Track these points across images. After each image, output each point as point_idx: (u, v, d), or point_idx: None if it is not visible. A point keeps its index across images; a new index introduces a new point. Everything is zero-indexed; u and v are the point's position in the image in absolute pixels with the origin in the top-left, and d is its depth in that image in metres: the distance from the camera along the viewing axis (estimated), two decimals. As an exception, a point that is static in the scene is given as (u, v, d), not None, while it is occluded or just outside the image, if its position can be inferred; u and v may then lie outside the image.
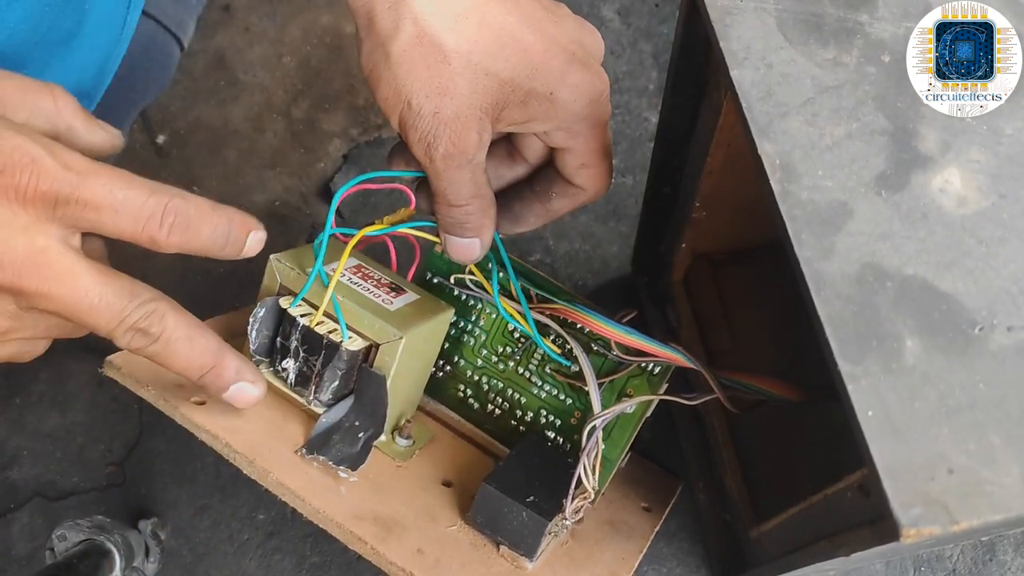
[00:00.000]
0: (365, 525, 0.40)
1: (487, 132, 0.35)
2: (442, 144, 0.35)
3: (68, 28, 0.41)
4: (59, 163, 0.29)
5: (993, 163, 0.34)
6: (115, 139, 0.35)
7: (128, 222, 0.31)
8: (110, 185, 0.30)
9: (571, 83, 0.36)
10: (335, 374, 0.41)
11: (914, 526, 0.27)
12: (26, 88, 0.32)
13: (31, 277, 0.29)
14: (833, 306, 0.30)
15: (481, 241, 0.40)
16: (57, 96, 0.33)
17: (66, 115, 0.33)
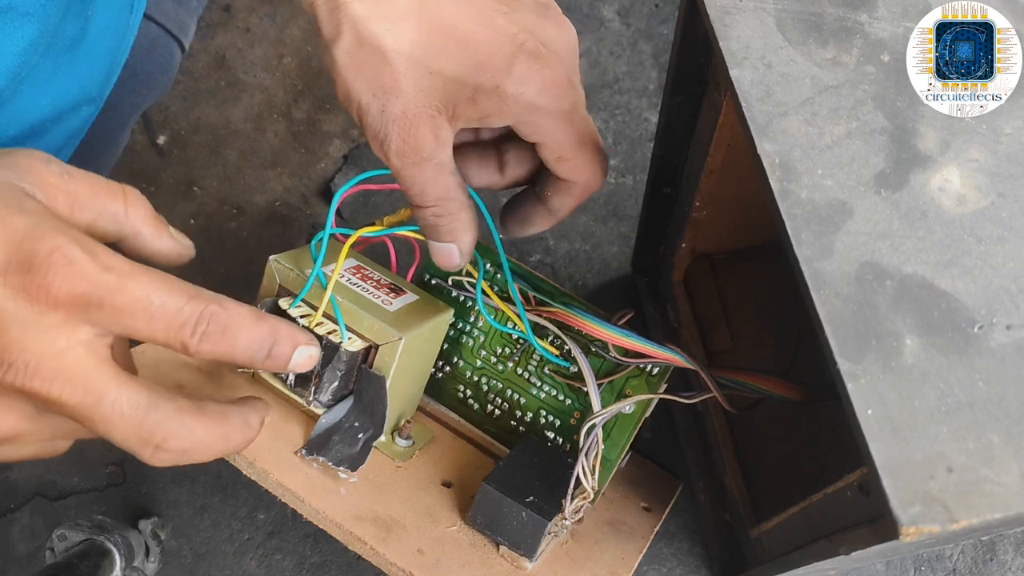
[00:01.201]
0: (365, 525, 0.40)
1: (444, 130, 0.35)
2: (393, 141, 0.34)
3: (73, 35, 0.41)
4: (98, 265, 0.28)
5: (992, 162, 0.34)
6: (185, 249, 0.35)
7: (161, 328, 0.30)
8: (148, 290, 0.29)
9: (516, 75, 0.34)
10: (335, 375, 0.41)
11: (914, 524, 0.27)
12: (98, 189, 0.31)
13: (44, 381, 0.28)
14: (832, 305, 0.30)
15: (459, 247, 0.39)
16: (128, 200, 0.32)
17: (135, 220, 0.32)
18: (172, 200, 0.70)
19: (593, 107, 0.70)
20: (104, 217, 0.31)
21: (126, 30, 0.46)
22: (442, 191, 0.36)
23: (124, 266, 0.29)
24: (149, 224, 0.33)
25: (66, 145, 0.46)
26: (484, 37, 0.34)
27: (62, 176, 0.30)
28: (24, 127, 0.41)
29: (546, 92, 0.35)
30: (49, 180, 0.30)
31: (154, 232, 0.33)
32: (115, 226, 0.32)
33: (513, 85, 0.34)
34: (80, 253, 0.28)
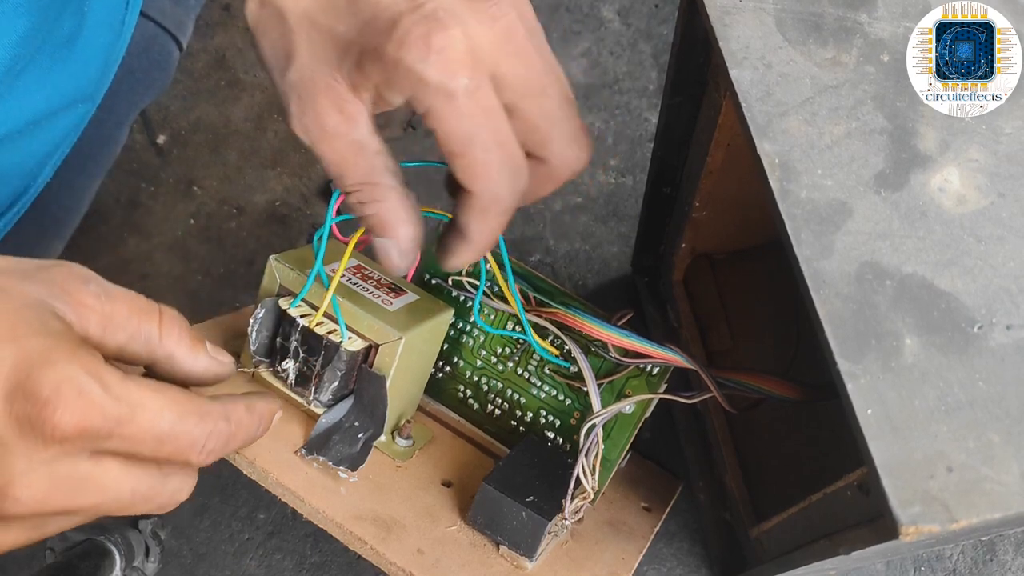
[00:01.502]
0: (365, 525, 0.40)
1: (350, 103, 0.31)
2: (292, 111, 0.32)
3: (69, 31, 0.41)
4: (109, 397, 0.27)
5: (992, 162, 0.34)
6: (222, 367, 0.33)
7: (167, 451, 0.30)
8: (157, 420, 0.29)
9: (398, 36, 0.30)
10: (335, 374, 0.41)
11: (913, 524, 0.27)
12: (135, 310, 0.30)
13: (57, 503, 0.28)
14: (832, 305, 0.30)
15: (396, 244, 0.34)
16: (164, 321, 0.31)
17: (168, 343, 0.31)
18: (172, 200, 0.70)
19: (593, 107, 0.70)
20: (137, 340, 0.30)
21: (122, 27, 0.46)
22: (363, 174, 0.32)
23: (135, 394, 0.28)
24: (183, 346, 0.32)
25: (62, 142, 0.46)
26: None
27: (99, 297, 0.29)
28: (19, 122, 0.41)
29: (429, 62, 0.29)
30: (84, 300, 0.29)
31: (188, 354, 0.32)
32: (147, 349, 0.31)
33: (393, 48, 0.30)
34: (91, 384, 0.27)
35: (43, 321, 0.28)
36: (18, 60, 0.39)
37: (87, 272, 0.30)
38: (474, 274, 0.47)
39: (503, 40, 0.31)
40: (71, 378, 0.27)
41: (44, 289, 0.29)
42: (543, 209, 0.67)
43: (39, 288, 0.29)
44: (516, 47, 0.31)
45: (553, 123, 0.33)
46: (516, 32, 0.31)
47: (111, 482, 0.29)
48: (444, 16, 0.30)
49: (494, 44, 0.31)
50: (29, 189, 0.45)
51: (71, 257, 0.67)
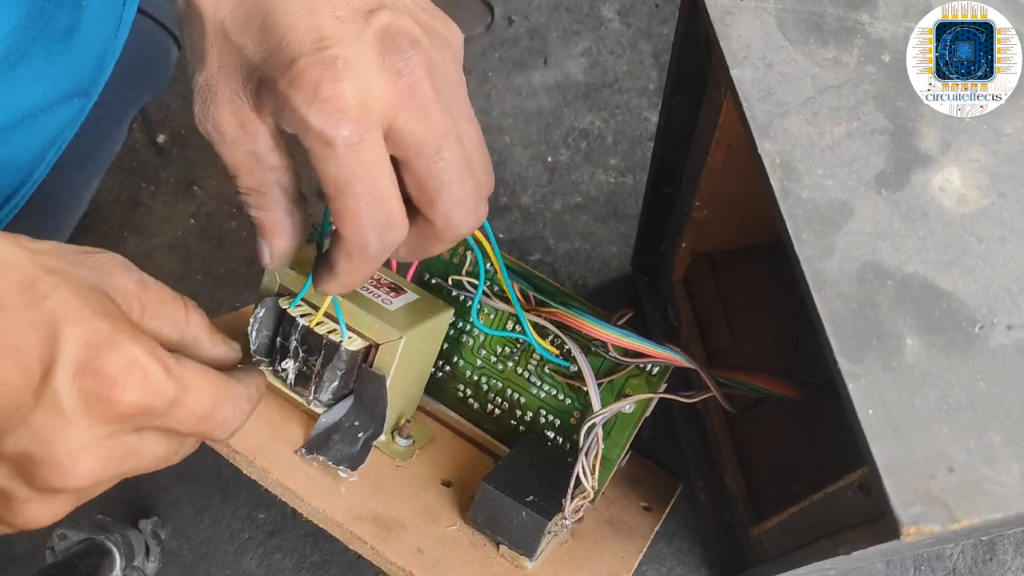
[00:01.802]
0: (365, 525, 0.40)
1: (251, 121, 0.32)
2: (196, 112, 0.32)
3: (66, 24, 0.41)
4: (170, 378, 0.29)
5: (993, 162, 0.34)
6: (235, 353, 0.35)
7: (203, 428, 0.31)
8: (203, 400, 0.31)
9: (291, 75, 0.30)
10: (335, 374, 0.41)
11: (914, 524, 0.27)
12: (163, 298, 0.32)
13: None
14: (833, 304, 0.30)
15: (269, 248, 0.35)
16: (189, 309, 0.33)
17: (194, 328, 0.33)
18: (172, 199, 0.70)
19: (593, 106, 0.70)
20: (169, 324, 0.32)
21: (119, 23, 0.46)
22: (254, 183, 0.33)
23: (188, 376, 0.30)
24: (205, 332, 0.33)
25: (59, 137, 0.45)
26: (288, 27, 0.30)
27: (139, 283, 0.31)
28: (14, 114, 0.41)
29: (314, 107, 0.30)
30: (128, 287, 0.30)
31: (209, 340, 0.34)
32: (177, 334, 0.32)
33: (284, 85, 0.30)
34: (155, 366, 0.29)
35: (103, 304, 0.29)
36: (13, 51, 0.39)
37: (125, 260, 0.31)
38: (474, 274, 0.47)
39: (404, 96, 0.31)
40: (136, 359, 0.28)
41: (95, 274, 0.30)
42: (543, 209, 0.67)
43: (90, 273, 0.30)
44: (417, 104, 0.31)
45: (441, 185, 0.33)
46: (420, 89, 0.31)
47: (147, 453, 0.31)
48: (341, 66, 0.30)
49: (392, 99, 0.31)
50: (26, 184, 0.45)
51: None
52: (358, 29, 0.31)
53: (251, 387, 0.34)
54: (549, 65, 0.72)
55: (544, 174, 0.68)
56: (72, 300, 0.28)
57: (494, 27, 0.74)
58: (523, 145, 0.69)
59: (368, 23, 0.31)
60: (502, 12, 0.74)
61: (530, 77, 0.72)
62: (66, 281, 0.28)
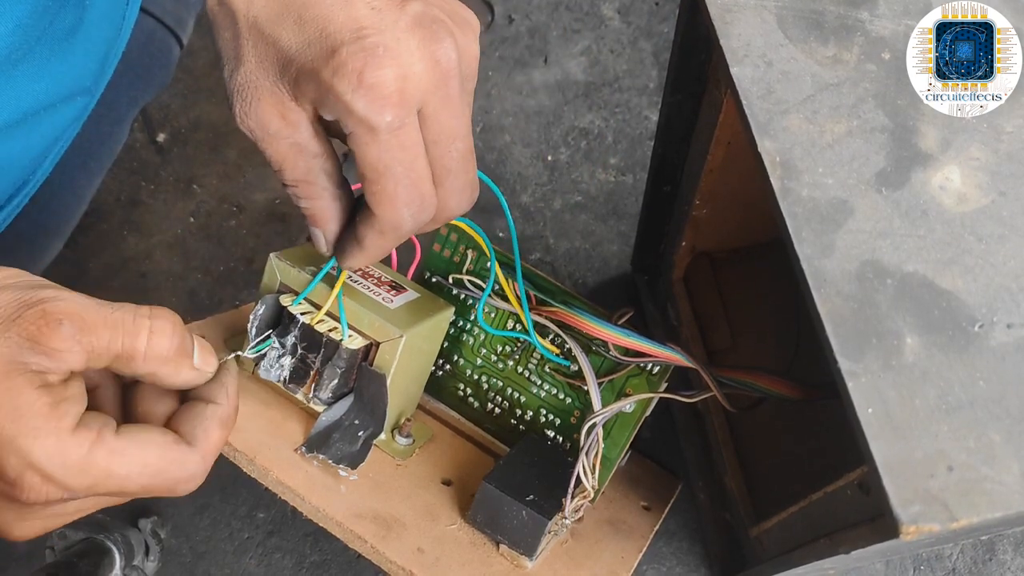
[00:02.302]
0: (365, 523, 0.40)
1: (292, 110, 0.33)
2: (236, 110, 0.33)
3: (70, 23, 0.41)
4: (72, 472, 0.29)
5: (993, 161, 0.34)
6: (203, 376, 0.34)
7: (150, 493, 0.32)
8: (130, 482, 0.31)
9: (335, 63, 0.31)
10: (335, 372, 0.41)
11: (914, 523, 0.27)
12: (117, 334, 0.31)
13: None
14: (833, 303, 0.30)
15: (324, 235, 0.36)
16: (152, 339, 0.32)
17: (151, 363, 0.32)
18: (172, 198, 0.70)
19: (593, 105, 0.70)
20: (120, 361, 0.32)
21: (122, 22, 0.46)
22: (300, 173, 0.34)
23: (102, 464, 0.30)
24: (167, 365, 0.33)
25: (62, 136, 0.45)
26: (327, 17, 0.31)
27: (73, 337, 0.30)
28: (17, 112, 0.41)
29: (359, 94, 0.31)
30: (58, 346, 0.30)
31: (172, 371, 0.33)
32: (130, 369, 0.32)
33: (328, 73, 0.31)
34: (54, 467, 0.29)
35: (13, 397, 0.29)
36: (16, 49, 0.39)
37: (63, 308, 0.30)
38: (475, 273, 0.47)
39: (439, 83, 0.32)
40: (32, 465, 0.29)
41: (17, 343, 0.29)
42: (543, 207, 0.67)
43: (12, 344, 0.29)
44: (447, 92, 0.33)
45: (449, 172, 0.35)
46: (451, 78, 0.33)
47: (98, 505, 0.32)
48: (383, 53, 0.31)
49: (429, 84, 0.32)
50: (29, 182, 0.45)
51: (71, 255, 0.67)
52: (393, 18, 0.32)
53: (210, 436, 0.33)
54: (549, 64, 0.72)
55: (544, 173, 0.68)
56: None
57: (494, 26, 0.74)
58: (523, 144, 0.69)
59: (403, 11, 0.32)
60: (502, 11, 0.74)
61: (530, 76, 0.72)
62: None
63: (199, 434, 0.33)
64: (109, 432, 0.30)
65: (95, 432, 0.30)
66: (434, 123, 0.33)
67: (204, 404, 0.34)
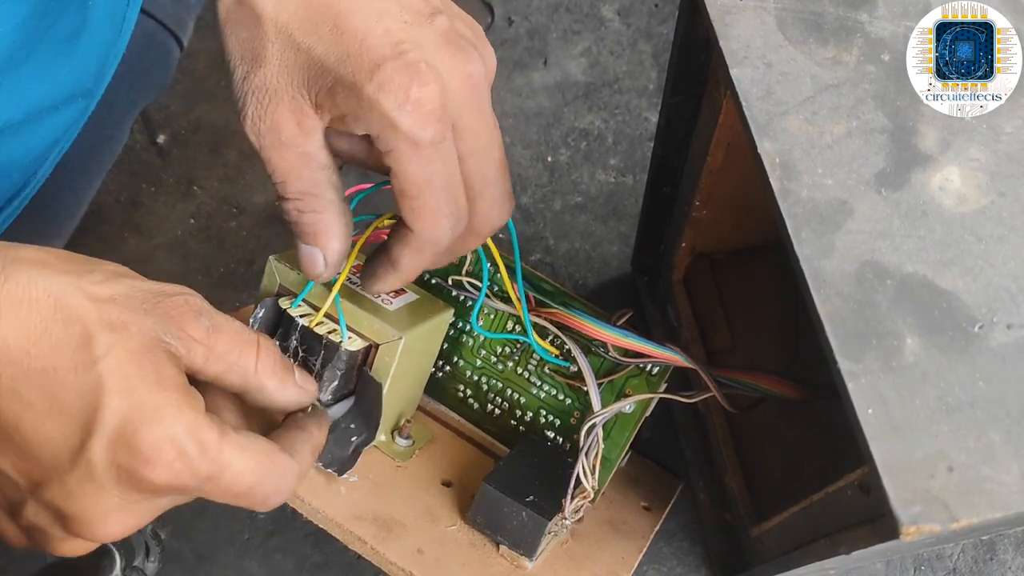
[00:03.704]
0: (365, 525, 0.40)
1: (309, 118, 0.32)
2: (249, 113, 0.32)
3: (72, 25, 0.41)
4: (205, 458, 0.29)
5: (993, 161, 0.34)
6: (308, 396, 0.35)
7: (241, 503, 0.32)
8: (240, 480, 0.31)
9: (380, 79, 0.31)
10: (334, 374, 0.41)
11: (914, 524, 0.27)
12: (236, 342, 0.32)
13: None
14: (833, 304, 0.30)
15: (324, 254, 0.35)
16: (261, 354, 0.33)
17: (262, 375, 0.33)
18: (172, 200, 0.70)
19: (593, 106, 0.70)
20: (234, 371, 0.32)
21: (123, 23, 0.46)
22: (306, 185, 0.33)
23: (226, 455, 0.30)
24: (275, 380, 0.33)
25: (62, 138, 0.45)
26: (364, 30, 0.31)
27: (207, 331, 0.31)
28: (18, 114, 0.41)
29: (406, 111, 0.31)
30: (195, 335, 0.30)
31: (278, 387, 0.33)
32: (241, 381, 0.32)
33: (372, 88, 0.31)
34: (190, 446, 0.29)
35: (158, 369, 0.29)
36: (18, 50, 0.39)
37: (200, 304, 0.31)
38: (475, 274, 0.47)
39: (471, 95, 0.33)
40: (173, 439, 0.28)
41: (160, 324, 0.30)
42: (543, 208, 0.67)
43: (156, 323, 0.30)
44: (479, 104, 0.33)
45: (487, 183, 0.35)
46: (482, 89, 0.33)
47: (178, 503, 0.32)
48: (425, 69, 0.31)
49: (463, 98, 0.33)
50: (29, 184, 0.45)
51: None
52: (424, 33, 0.32)
53: (304, 457, 0.34)
54: (549, 65, 0.72)
55: (544, 174, 0.68)
56: (123, 365, 0.28)
57: (494, 27, 0.74)
58: (523, 145, 0.69)
59: (432, 26, 0.32)
60: (502, 12, 0.74)
61: (530, 77, 0.72)
62: (123, 341, 0.28)
63: (299, 450, 0.33)
64: (230, 427, 0.30)
65: (219, 425, 0.30)
66: (470, 135, 0.33)
67: (299, 430, 0.35)
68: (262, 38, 0.32)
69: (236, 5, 0.32)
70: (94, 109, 0.47)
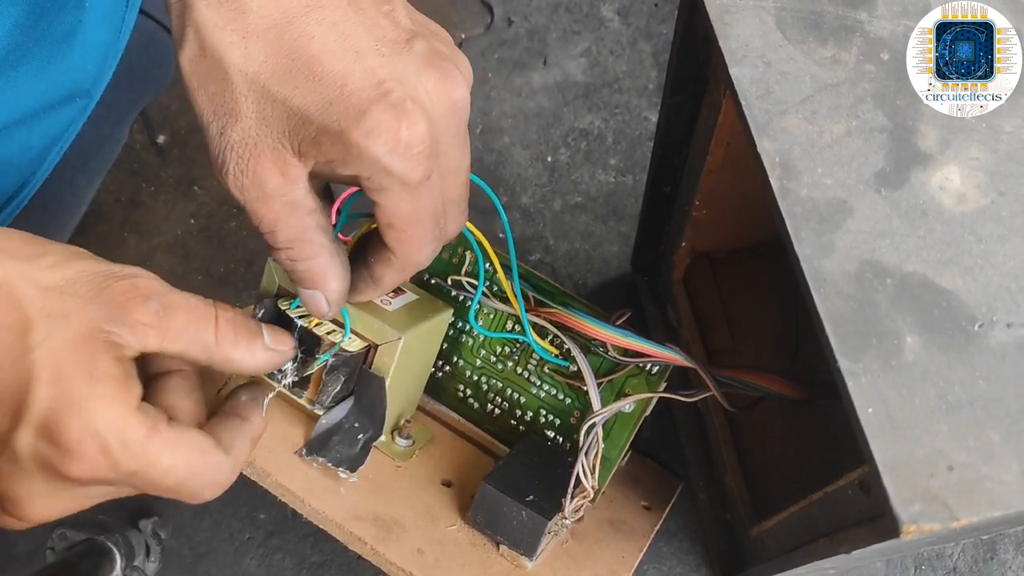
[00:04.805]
0: (365, 525, 0.40)
1: (293, 167, 0.31)
2: (230, 170, 0.31)
3: (69, 25, 0.41)
4: (126, 455, 0.29)
5: (992, 160, 0.34)
6: (280, 356, 0.35)
7: (164, 493, 0.31)
8: (167, 477, 0.30)
9: (367, 126, 0.30)
10: (335, 375, 0.41)
11: (914, 523, 0.27)
12: (192, 319, 0.31)
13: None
14: (833, 303, 0.30)
15: (325, 295, 0.35)
16: (219, 326, 0.32)
17: (224, 347, 0.32)
18: (172, 199, 0.70)
19: (593, 106, 0.70)
20: (195, 346, 0.32)
21: (122, 23, 0.46)
22: (295, 233, 0.33)
23: (152, 453, 0.29)
24: (239, 348, 0.33)
25: (61, 138, 0.45)
26: (343, 74, 0.30)
27: (157, 313, 0.30)
28: (16, 113, 0.41)
29: (397, 154, 0.30)
30: (142, 319, 0.30)
31: (245, 354, 0.33)
32: (206, 355, 0.32)
33: (360, 135, 0.30)
34: (112, 442, 0.28)
35: (92, 360, 0.29)
36: (14, 50, 0.39)
37: (149, 285, 0.31)
38: (474, 274, 0.47)
39: (452, 119, 0.32)
40: (96, 434, 0.28)
41: (104, 312, 0.29)
42: (543, 208, 0.67)
43: (99, 311, 0.29)
44: (458, 126, 0.33)
45: (453, 202, 0.35)
46: (464, 113, 0.33)
47: (114, 493, 0.31)
48: (412, 108, 0.30)
49: (446, 124, 0.32)
50: (28, 184, 0.45)
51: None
52: (404, 63, 0.31)
53: (239, 450, 0.33)
54: (549, 65, 0.72)
55: (544, 174, 0.68)
56: (57, 355, 0.28)
57: (493, 27, 0.74)
58: (523, 145, 0.69)
59: (410, 52, 0.31)
60: (501, 13, 0.74)
61: (530, 77, 0.72)
62: (60, 331, 0.28)
63: (236, 444, 0.33)
64: (163, 422, 0.30)
65: (151, 420, 0.30)
66: (447, 160, 0.33)
67: (239, 419, 0.34)
68: (233, 91, 0.31)
69: (199, 57, 0.31)
70: (93, 109, 0.47)
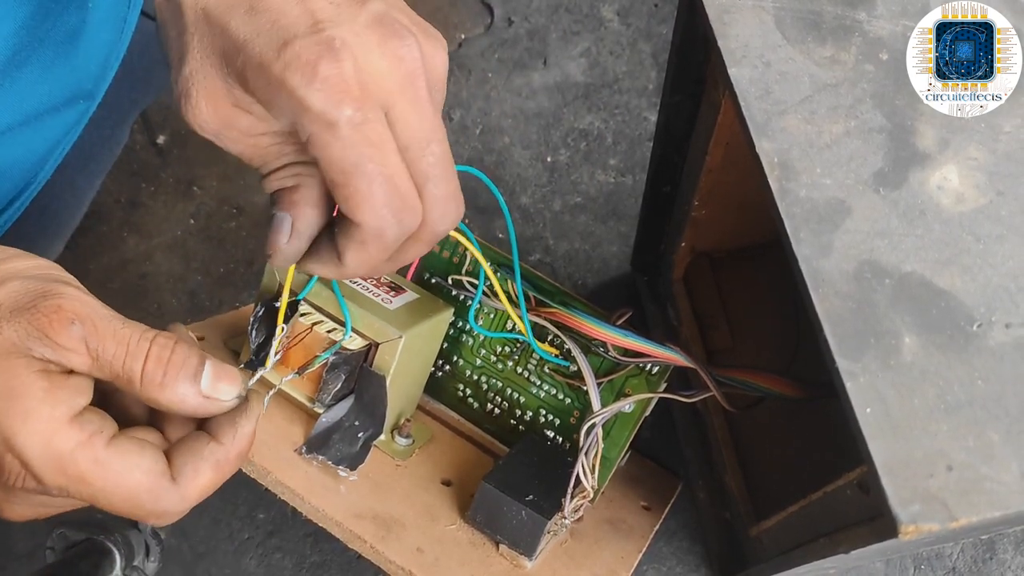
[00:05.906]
0: (365, 524, 0.40)
1: (238, 97, 0.30)
2: (183, 105, 0.30)
3: (72, 26, 0.41)
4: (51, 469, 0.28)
5: (991, 160, 0.34)
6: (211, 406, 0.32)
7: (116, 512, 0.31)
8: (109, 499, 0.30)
9: (287, 56, 0.28)
10: (335, 374, 0.41)
11: (913, 523, 0.27)
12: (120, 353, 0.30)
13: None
14: (831, 303, 0.30)
15: (294, 223, 0.33)
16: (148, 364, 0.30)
17: (150, 388, 0.30)
18: (172, 199, 0.70)
19: (593, 107, 0.70)
20: (120, 380, 0.30)
21: (124, 25, 0.46)
22: (263, 159, 0.32)
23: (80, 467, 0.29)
24: (165, 392, 0.31)
25: (63, 139, 0.46)
26: (280, 9, 0.29)
27: (82, 340, 0.29)
28: (20, 115, 0.41)
29: (316, 87, 0.28)
30: (66, 344, 0.29)
31: (172, 398, 0.31)
32: (130, 390, 0.31)
33: (279, 67, 0.28)
34: (33, 458, 0.28)
35: (12, 376, 0.28)
36: (19, 51, 0.39)
37: (78, 309, 0.29)
38: (474, 273, 0.47)
39: (403, 82, 0.30)
40: (14, 447, 0.28)
41: (24, 330, 0.29)
42: (543, 209, 0.67)
43: (19, 330, 0.29)
44: (414, 93, 0.31)
45: (428, 179, 0.32)
46: (417, 78, 0.31)
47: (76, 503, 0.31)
48: (340, 46, 0.29)
49: (392, 83, 0.30)
50: (30, 186, 0.45)
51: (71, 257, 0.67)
52: (352, 12, 0.30)
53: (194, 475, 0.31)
54: (549, 66, 0.72)
55: (544, 174, 0.68)
56: None
57: (494, 28, 0.74)
58: (523, 145, 0.69)
59: (363, 8, 0.30)
60: (502, 13, 0.74)
61: (530, 78, 0.72)
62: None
63: (187, 472, 0.31)
64: (100, 439, 0.29)
65: (87, 434, 0.29)
66: (404, 126, 0.31)
67: (207, 441, 0.32)
68: (185, 28, 0.30)
69: (165, 3, 0.31)
70: (95, 110, 0.47)
